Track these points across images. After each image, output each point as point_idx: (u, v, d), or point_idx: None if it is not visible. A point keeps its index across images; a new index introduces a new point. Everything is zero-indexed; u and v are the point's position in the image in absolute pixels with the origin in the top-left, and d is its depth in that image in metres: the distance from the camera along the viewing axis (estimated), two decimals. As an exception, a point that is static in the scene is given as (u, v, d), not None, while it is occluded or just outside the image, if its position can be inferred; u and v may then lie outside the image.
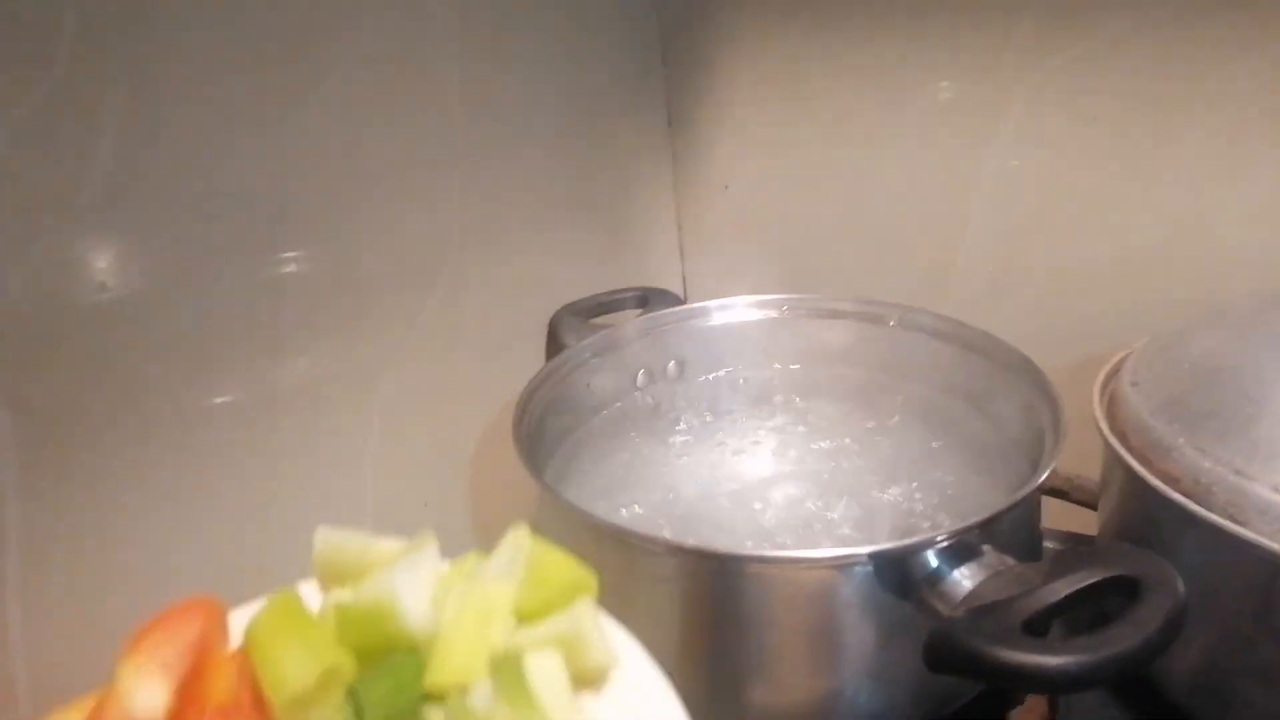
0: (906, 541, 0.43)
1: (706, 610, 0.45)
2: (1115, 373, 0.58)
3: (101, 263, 0.42)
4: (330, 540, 0.35)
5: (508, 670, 0.31)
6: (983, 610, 0.40)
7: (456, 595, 0.34)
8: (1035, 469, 0.48)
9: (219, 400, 0.49)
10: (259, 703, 0.31)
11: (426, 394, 0.60)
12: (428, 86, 0.57)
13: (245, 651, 0.33)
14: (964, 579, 0.42)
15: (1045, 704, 0.56)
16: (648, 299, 0.70)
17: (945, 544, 0.43)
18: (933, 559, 0.43)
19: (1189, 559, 0.49)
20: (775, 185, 0.82)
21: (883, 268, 0.79)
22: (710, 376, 0.66)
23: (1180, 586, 0.38)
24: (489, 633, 0.33)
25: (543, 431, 0.57)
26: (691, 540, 0.52)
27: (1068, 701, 0.56)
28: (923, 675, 0.44)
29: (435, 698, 0.31)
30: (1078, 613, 0.41)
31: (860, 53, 0.75)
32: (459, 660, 0.32)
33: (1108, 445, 0.53)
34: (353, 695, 0.31)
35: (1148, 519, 0.52)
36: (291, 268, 0.51)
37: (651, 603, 0.47)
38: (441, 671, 0.31)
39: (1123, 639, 0.36)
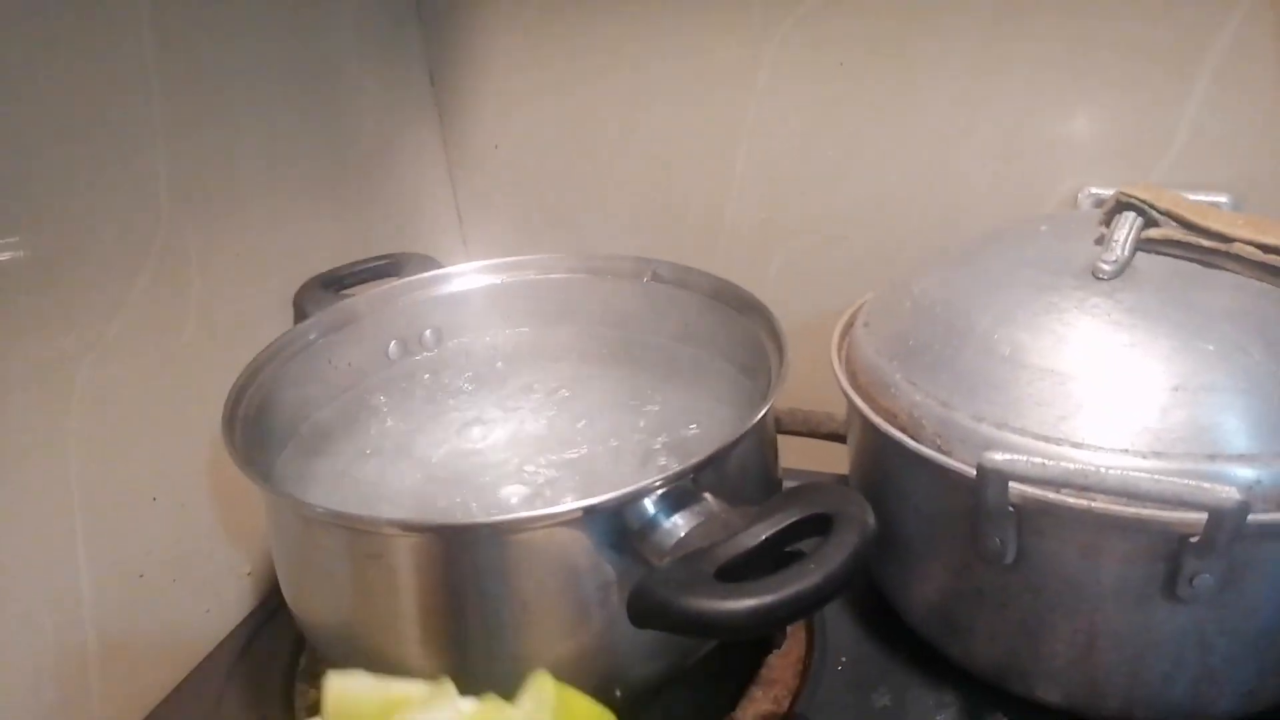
0: (619, 492, 0.42)
1: (435, 585, 0.43)
2: (855, 318, 0.59)
3: None
4: (344, 686, 0.31)
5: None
6: (684, 559, 0.39)
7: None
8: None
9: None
10: None
11: (144, 383, 0.55)
12: (112, 49, 0.52)
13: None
14: (678, 526, 0.42)
15: (803, 644, 0.57)
16: (403, 265, 0.67)
17: (661, 491, 0.42)
18: (650, 507, 0.42)
19: (912, 492, 0.50)
20: (544, 144, 0.80)
21: (656, 224, 0.79)
22: (465, 342, 0.64)
23: (870, 519, 0.39)
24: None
25: (274, 414, 0.54)
26: (403, 514, 0.50)
27: (824, 640, 0.57)
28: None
29: None
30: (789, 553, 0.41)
31: (618, 6, 0.73)
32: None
33: (840, 386, 0.54)
34: None
35: (877, 456, 0.53)
36: None
37: (374, 581, 0.45)
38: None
39: (805, 576, 0.36)
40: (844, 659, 0.56)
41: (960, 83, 0.67)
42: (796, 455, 0.64)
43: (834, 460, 0.64)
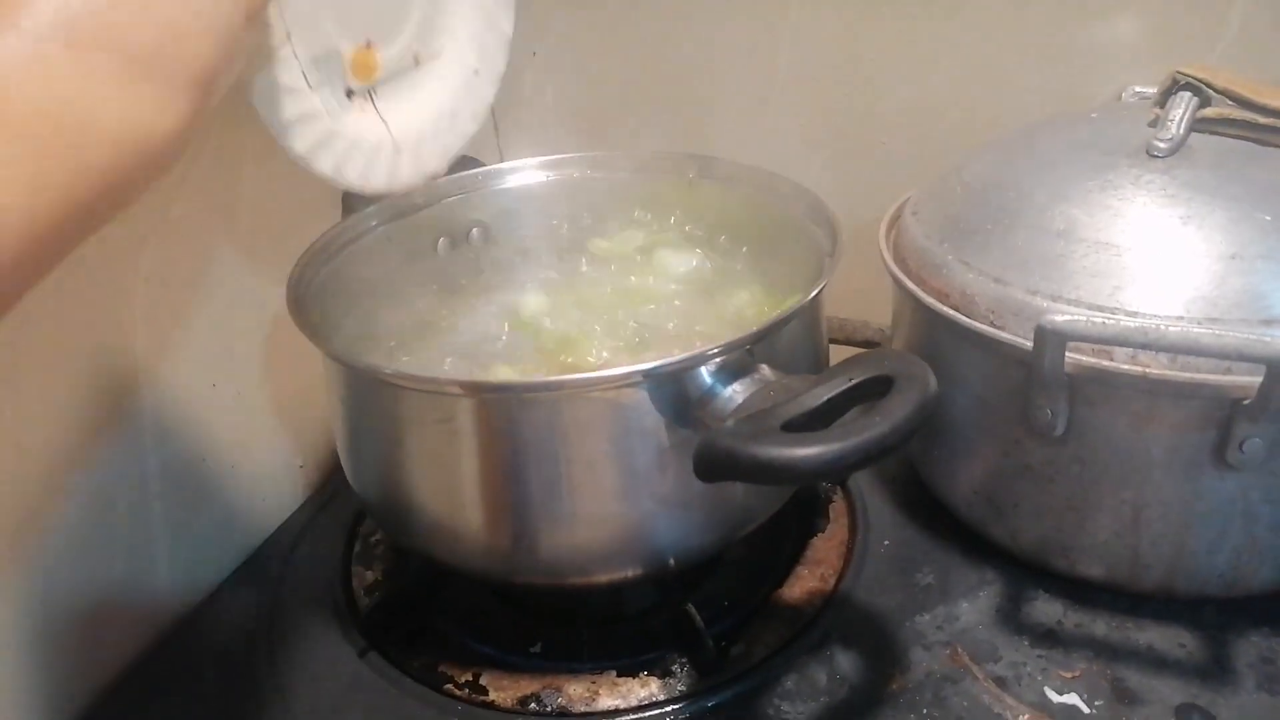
0: (678, 358, 0.43)
1: (490, 447, 0.45)
2: (902, 209, 0.59)
3: None
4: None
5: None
6: (748, 419, 0.40)
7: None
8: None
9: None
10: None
11: (201, 269, 0.56)
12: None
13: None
14: (736, 394, 0.43)
15: (846, 529, 0.59)
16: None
17: (718, 360, 0.43)
18: (706, 377, 0.43)
19: (963, 372, 0.51)
20: (584, 47, 0.79)
21: (697, 126, 0.79)
22: (515, 238, 0.64)
23: (931, 379, 0.39)
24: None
25: (332, 300, 0.54)
26: (466, 375, 0.51)
27: (866, 523, 0.58)
28: (709, 497, 0.45)
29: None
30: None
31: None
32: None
33: (889, 271, 0.54)
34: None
35: (930, 339, 0.54)
36: None
37: (440, 446, 0.46)
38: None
39: (870, 427, 0.37)
40: (886, 542, 0.57)
41: (1005, -18, 0.67)
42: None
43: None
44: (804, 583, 0.55)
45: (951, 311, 0.49)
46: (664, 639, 0.52)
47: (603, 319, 0.57)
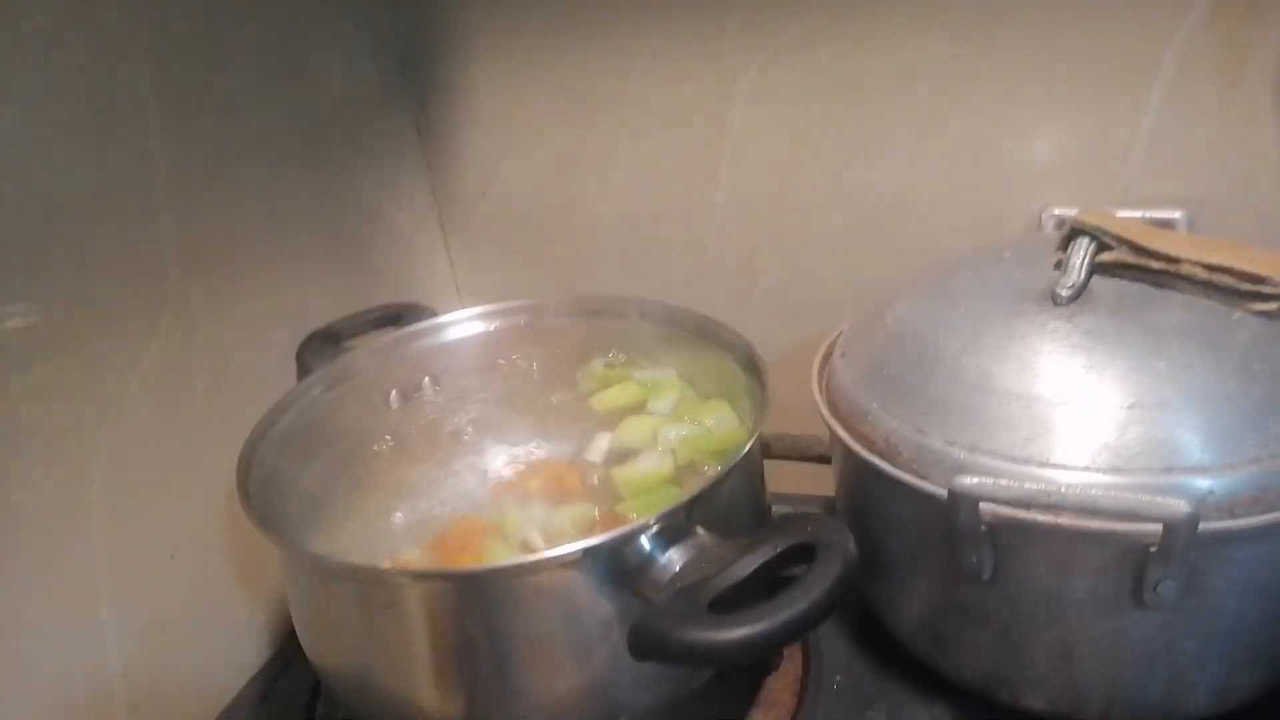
0: (616, 533, 0.44)
1: (436, 629, 0.46)
2: (833, 347, 0.62)
3: None
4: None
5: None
6: (680, 593, 0.42)
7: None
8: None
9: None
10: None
11: (159, 439, 0.58)
12: (118, 128, 0.55)
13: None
14: (673, 561, 0.44)
15: (800, 665, 0.60)
16: (400, 315, 0.69)
17: (655, 529, 0.45)
18: (645, 544, 0.45)
19: (893, 515, 0.53)
20: (532, 186, 0.83)
21: (641, 261, 0.81)
22: (464, 388, 0.66)
23: (851, 546, 0.41)
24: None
25: (284, 470, 0.56)
26: (405, 563, 0.52)
27: (819, 660, 0.59)
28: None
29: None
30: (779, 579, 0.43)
31: (595, 51, 0.76)
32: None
33: (821, 415, 0.56)
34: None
35: (859, 481, 0.56)
36: (9, 322, 0.49)
37: (388, 627, 0.47)
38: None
39: (790, 604, 0.39)
40: (839, 678, 0.58)
41: (924, 112, 0.70)
42: (787, 479, 0.66)
43: (823, 482, 0.67)
44: (758, 726, 0.55)
45: (878, 460, 0.51)
46: (622, 794, 0.52)
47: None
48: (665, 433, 0.60)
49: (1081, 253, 0.52)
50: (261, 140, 0.66)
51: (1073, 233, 0.53)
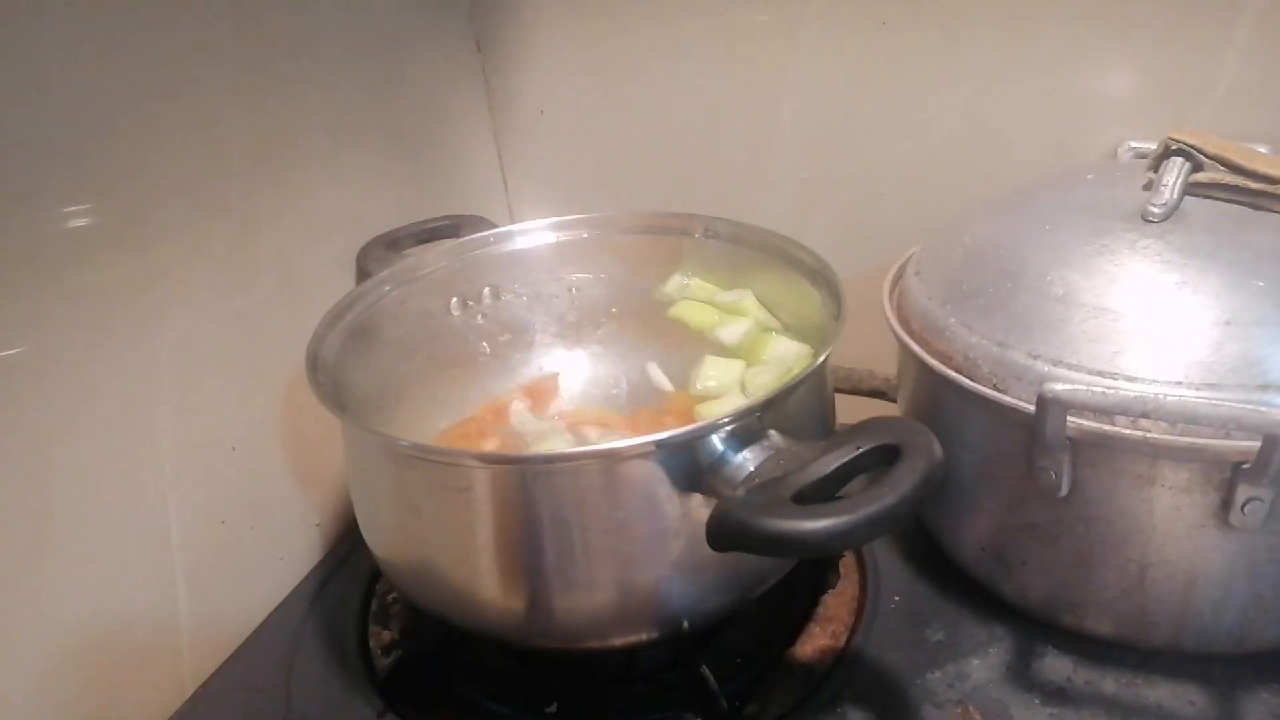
0: (690, 428, 0.44)
1: (507, 516, 0.46)
2: (904, 267, 0.60)
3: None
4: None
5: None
6: (759, 488, 0.42)
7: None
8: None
9: (4, 354, 0.46)
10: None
11: (222, 335, 0.58)
12: (188, 25, 0.54)
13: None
14: (747, 461, 0.44)
15: (856, 585, 0.60)
16: (460, 226, 0.69)
17: (729, 428, 0.44)
18: (718, 444, 0.44)
19: (968, 432, 0.52)
20: (590, 106, 0.81)
21: (701, 182, 0.80)
22: (525, 300, 0.65)
23: (937, 448, 0.40)
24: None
25: (350, 363, 0.56)
26: (486, 448, 0.52)
27: (876, 580, 0.59)
28: (722, 562, 0.46)
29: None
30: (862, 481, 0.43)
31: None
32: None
33: (894, 333, 0.56)
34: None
35: (932, 399, 0.55)
36: (77, 219, 0.49)
37: (455, 515, 0.47)
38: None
39: (878, 499, 0.38)
40: (896, 598, 0.58)
41: (999, 35, 0.68)
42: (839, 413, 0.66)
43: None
44: (815, 640, 0.55)
45: (955, 374, 0.50)
46: (678, 698, 0.52)
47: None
48: (751, 379, 0.59)
49: (1175, 171, 0.50)
50: (326, 45, 0.65)
51: (1166, 151, 0.52)
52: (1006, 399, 0.47)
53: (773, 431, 0.45)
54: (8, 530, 0.47)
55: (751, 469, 0.43)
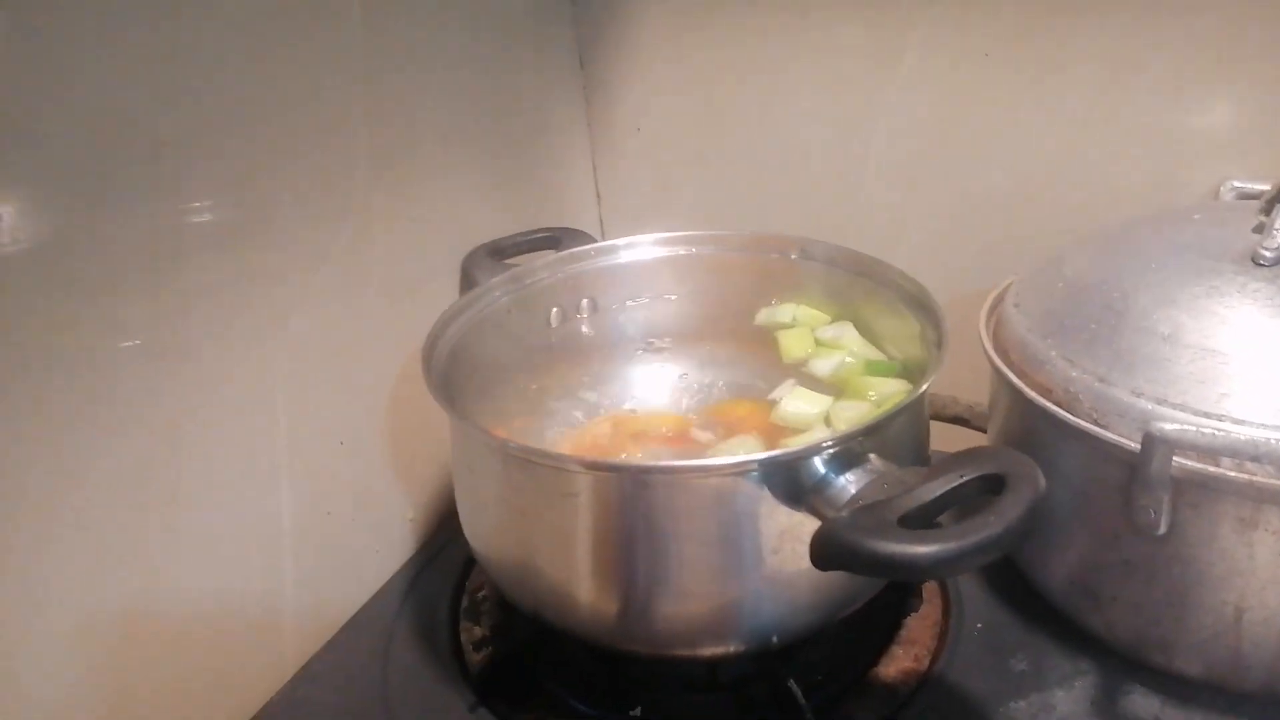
0: (795, 448, 0.45)
1: (612, 522, 0.47)
2: (1002, 298, 0.61)
3: (9, 213, 0.42)
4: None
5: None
6: (864, 510, 0.42)
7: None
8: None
9: (125, 345, 0.49)
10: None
11: (337, 334, 0.60)
12: (322, 33, 0.57)
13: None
14: (849, 484, 0.45)
15: (939, 609, 0.60)
16: (560, 239, 0.71)
17: (831, 451, 0.45)
18: (820, 466, 0.45)
19: (1063, 465, 0.53)
20: (686, 125, 0.83)
21: (793, 204, 0.82)
22: (623, 313, 0.67)
23: (1041, 479, 0.41)
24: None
25: (456, 366, 0.58)
26: (593, 456, 0.54)
27: (960, 605, 0.60)
28: (816, 580, 0.47)
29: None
30: (965, 510, 0.44)
31: (764, -5, 0.76)
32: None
33: (992, 363, 0.56)
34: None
35: (1027, 430, 0.55)
36: (200, 214, 0.51)
37: (561, 519, 0.49)
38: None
39: (986, 527, 0.39)
40: (979, 624, 0.58)
41: (1102, 69, 0.69)
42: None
43: (951, 443, 0.66)
44: (899, 662, 0.56)
45: (1055, 408, 0.50)
46: (761, 709, 0.53)
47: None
48: (839, 412, 0.60)
49: (1288, 216, 0.50)
50: (440, 57, 0.68)
51: (1278, 195, 0.52)
52: (1108, 435, 0.48)
53: (873, 455, 0.46)
54: (139, 509, 0.50)
55: (854, 491, 0.44)
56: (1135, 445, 0.46)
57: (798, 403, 0.61)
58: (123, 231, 0.47)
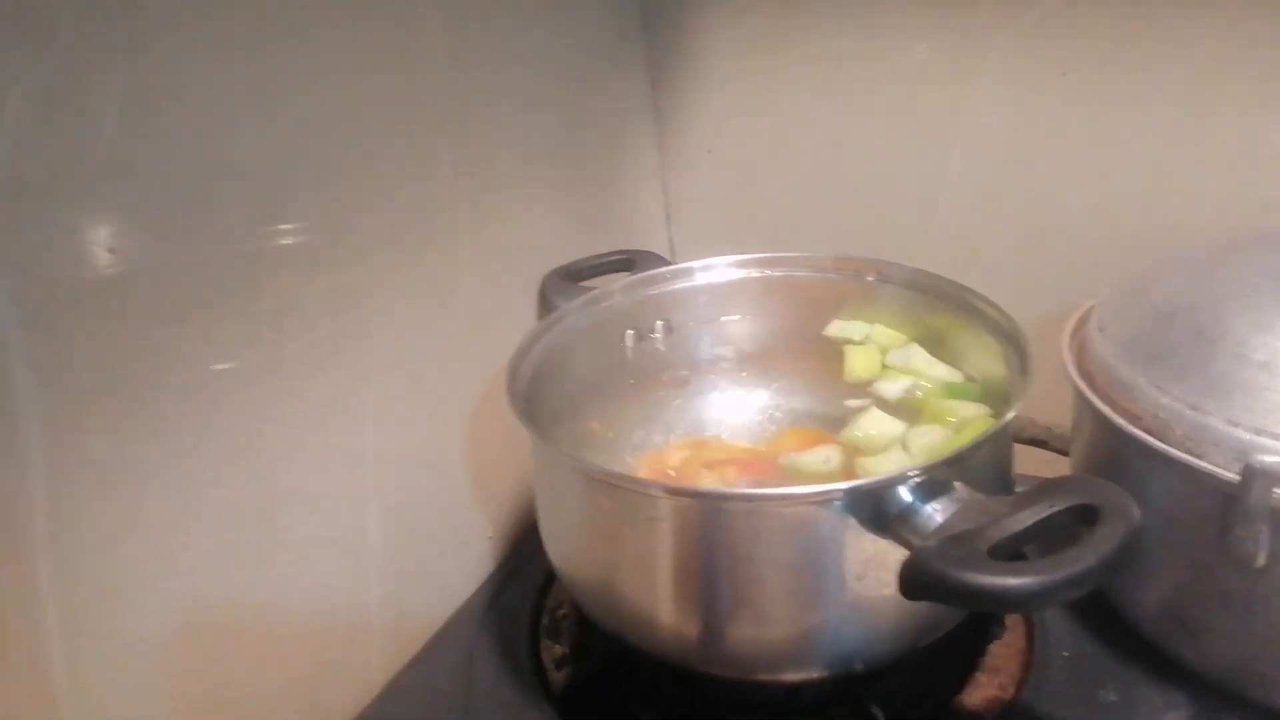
0: (880, 477, 0.45)
1: (695, 547, 0.48)
2: (1084, 320, 0.60)
3: (109, 234, 0.44)
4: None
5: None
6: (953, 539, 0.42)
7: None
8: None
9: (221, 366, 0.51)
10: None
11: (422, 356, 0.62)
12: (412, 33, 0.59)
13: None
14: (935, 512, 0.45)
15: (1023, 637, 0.59)
16: (634, 261, 0.72)
17: (917, 480, 0.45)
18: (906, 494, 0.45)
19: (1153, 493, 0.52)
20: (757, 147, 0.83)
21: (864, 227, 0.81)
22: (697, 334, 0.68)
23: (1135, 511, 0.41)
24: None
25: (537, 389, 0.59)
26: (675, 482, 0.54)
27: (1044, 633, 0.59)
28: (900, 608, 0.47)
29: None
30: (1051, 540, 0.43)
31: (838, 14, 0.76)
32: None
33: (1076, 388, 0.55)
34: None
35: (1114, 457, 0.54)
36: (292, 239, 0.53)
37: (644, 542, 0.49)
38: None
39: (1080, 559, 0.38)
40: (1065, 653, 0.57)
41: (1187, 86, 0.67)
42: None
43: (1033, 463, 0.65)
44: (983, 690, 0.55)
45: (1146, 436, 0.50)
46: (843, 734, 0.53)
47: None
48: (915, 438, 0.60)
49: (1391, 240, 0.49)
50: (519, 90, 0.70)
51: (1380, 218, 0.50)
52: (1203, 465, 0.47)
53: (959, 484, 0.46)
54: (238, 524, 0.52)
55: (941, 520, 0.44)
56: (1232, 475, 0.45)
57: (877, 424, 0.60)
58: (218, 255, 0.49)
